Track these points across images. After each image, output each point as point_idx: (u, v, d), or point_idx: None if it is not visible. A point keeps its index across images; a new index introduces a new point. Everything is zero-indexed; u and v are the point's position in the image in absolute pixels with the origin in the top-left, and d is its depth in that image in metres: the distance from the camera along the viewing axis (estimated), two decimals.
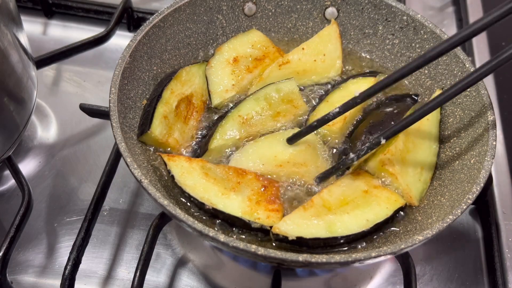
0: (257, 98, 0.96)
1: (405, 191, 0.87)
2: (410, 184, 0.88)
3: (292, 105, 0.97)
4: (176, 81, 0.96)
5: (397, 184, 0.88)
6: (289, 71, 1.02)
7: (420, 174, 0.89)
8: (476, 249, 0.99)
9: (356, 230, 0.80)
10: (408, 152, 0.90)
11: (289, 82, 0.98)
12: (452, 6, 1.47)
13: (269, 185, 0.86)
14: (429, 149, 0.92)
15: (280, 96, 0.97)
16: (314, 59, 1.04)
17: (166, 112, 0.91)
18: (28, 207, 0.90)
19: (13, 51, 0.87)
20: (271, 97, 0.96)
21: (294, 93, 0.97)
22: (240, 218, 0.80)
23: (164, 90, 0.93)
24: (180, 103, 0.95)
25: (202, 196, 0.82)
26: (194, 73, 1.00)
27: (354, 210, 0.82)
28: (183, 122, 0.94)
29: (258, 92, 0.97)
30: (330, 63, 1.05)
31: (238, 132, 0.93)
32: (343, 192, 0.86)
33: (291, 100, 0.97)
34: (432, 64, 1.00)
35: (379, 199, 0.84)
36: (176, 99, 0.94)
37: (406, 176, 0.88)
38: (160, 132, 0.89)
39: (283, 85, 0.97)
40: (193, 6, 1.02)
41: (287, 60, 1.03)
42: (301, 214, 0.81)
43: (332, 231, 0.79)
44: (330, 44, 1.05)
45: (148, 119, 0.89)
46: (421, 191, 0.89)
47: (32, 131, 1.11)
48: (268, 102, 0.96)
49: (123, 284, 0.91)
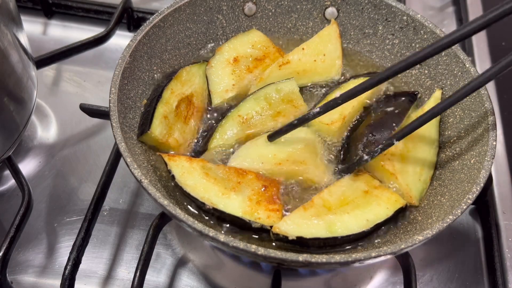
0: (257, 98, 0.96)
1: (405, 191, 0.87)
2: (410, 184, 0.88)
3: (292, 105, 0.97)
4: (176, 81, 0.96)
5: (397, 184, 0.88)
6: (289, 71, 1.02)
7: (420, 174, 0.89)
8: (476, 249, 0.99)
9: (356, 230, 0.80)
10: (408, 152, 0.90)
11: (289, 82, 0.98)
12: (452, 6, 1.47)
13: (270, 185, 0.86)
14: (429, 149, 0.92)
15: (280, 96, 0.97)
16: (314, 59, 1.04)
17: (166, 112, 0.91)
18: (28, 207, 0.90)
19: (13, 51, 0.87)
20: (271, 97, 0.96)
21: (294, 93, 0.97)
22: (241, 218, 0.80)
23: (164, 90, 0.93)
24: (180, 103, 0.95)
25: (202, 196, 0.82)
26: (194, 73, 1.00)
27: (354, 210, 0.82)
28: (183, 122, 0.94)
29: (258, 92, 0.97)
30: (330, 63, 1.05)
31: (238, 132, 0.93)
32: (343, 192, 0.86)
33: (291, 100, 0.97)
34: (432, 64, 1.00)
35: (379, 199, 0.84)
36: (176, 99, 0.94)
37: (406, 175, 0.88)
38: (160, 132, 0.89)
39: (283, 85, 0.97)
40: (193, 6, 1.02)
41: (287, 61, 1.03)
42: (301, 214, 0.81)
43: (332, 231, 0.79)
44: (330, 44, 1.05)
45: (148, 119, 0.89)
46: (421, 190, 0.89)
47: (32, 131, 1.11)
48: (268, 102, 0.96)
49: (123, 284, 0.91)
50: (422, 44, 1.02)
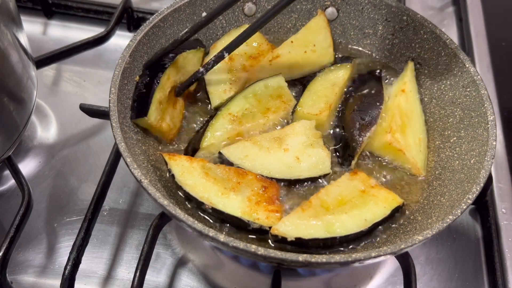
0: (246, 95, 0.97)
1: (412, 164, 0.91)
2: (415, 156, 0.92)
3: (281, 100, 0.98)
4: (173, 67, 0.96)
5: (405, 159, 0.91)
6: (280, 65, 1.02)
7: (419, 145, 0.94)
8: (476, 249, 0.99)
9: (354, 230, 0.80)
10: (405, 127, 0.94)
11: (277, 78, 0.99)
12: (452, 6, 1.47)
13: (269, 186, 0.86)
14: (419, 119, 0.98)
15: (268, 92, 0.97)
16: (305, 51, 1.05)
17: (161, 98, 0.92)
18: (28, 207, 0.90)
19: (13, 51, 0.87)
20: (260, 94, 0.97)
21: (283, 88, 0.98)
22: (239, 218, 0.80)
23: (162, 76, 0.93)
24: (172, 89, 0.95)
25: (201, 195, 0.82)
26: (189, 59, 1.00)
27: (352, 210, 0.83)
28: (172, 107, 0.95)
29: (246, 90, 0.98)
30: (321, 52, 1.05)
31: (229, 130, 0.93)
32: (340, 192, 0.86)
33: (280, 95, 0.98)
34: (432, 64, 1.01)
35: (376, 199, 0.85)
36: (170, 85, 0.95)
37: (410, 149, 0.92)
38: (155, 118, 0.90)
39: (271, 81, 0.98)
40: (193, 6, 1.02)
41: (277, 55, 1.03)
42: (300, 215, 0.81)
43: (331, 231, 0.79)
44: (319, 34, 1.06)
45: (145, 103, 0.89)
46: (423, 160, 0.93)
47: (32, 131, 1.11)
48: (257, 99, 0.97)
49: (123, 284, 0.91)
50: (422, 44, 1.02)
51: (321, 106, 0.97)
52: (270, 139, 0.92)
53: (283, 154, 0.90)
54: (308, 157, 0.90)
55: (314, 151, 0.90)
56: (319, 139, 0.93)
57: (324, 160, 0.90)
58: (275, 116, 0.96)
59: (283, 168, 0.88)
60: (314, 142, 0.92)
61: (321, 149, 0.91)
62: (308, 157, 0.90)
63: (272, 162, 0.89)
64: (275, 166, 0.89)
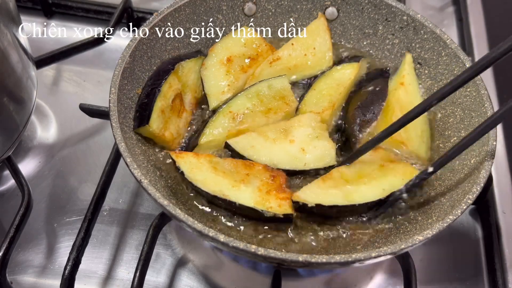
0: (248, 94, 0.96)
1: (415, 155, 0.92)
2: (417, 147, 0.93)
3: (284, 101, 0.97)
4: (174, 75, 0.96)
5: (407, 151, 0.92)
6: (280, 68, 1.02)
7: (421, 136, 0.94)
8: (476, 249, 0.99)
9: (372, 198, 0.82)
10: None
11: (281, 79, 0.98)
12: (452, 6, 1.47)
13: (277, 175, 0.87)
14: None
15: (271, 93, 0.97)
16: (305, 54, 1.05)
17: (164, 106, 0.92)
18: (28, 207, 0.90)
19: (13, 51, 0.87)
20: (263, 94, 0.97)
21: (286, 90, 0.98)
22: (253, 208, 0.81)
23: (163, 84, 0.93)
24: (176, 97, 0.95)
25: (213, 189, 0.83)
26: (190, 68, 1.00)
27: (371, 181, 0.86)
28: (177, 116, 0.95)
29: (249, 89, 0.97)
30: (320, 56, 1.05)
31: (228, 128, 0.93)
32: (360, 167, 0.89)
33: (282, 97, 0.97)
34: (432, 64, 1.01)
35: (395, 171, 0.88)
36: (173, 94, 0.94)
37: (412, 141, 0.93)
38: (157, 126, 0.90)
39: (275, 82, 0.98)
40: (193, 6, 1.02)
41: (277, 57, 1.03)
42: (320, 184, 0.85)
43: (350, 199, 0.82)
44: (319, 37, 1.06)
45: (147, 112, 0.89)
46: (427, 150, 0.94)
47: (32, 131, 1.11)
48: (259, 98, 0.97)
49: (123, 284, 0.91)
50: (422, 44, 1.02)
51: (324, 105, 0.97)
52: (276, 130, 0.93)
53: (289, 145, 0.91)
54: (314, 148, 0.90)
55: (320, 143, 0.91)
56: (325, 132, 0.93)
57: (330, 152, 0.90)
58: (276, 117, 0.96)
59: (289, 159, 0.89)
60: (320, 134, 0.92)
61: (327, 141, 0.92)
62: (313, 149, 0.90)
63: (278, 153, 0.90)
64: (281, 157, 0.90)
